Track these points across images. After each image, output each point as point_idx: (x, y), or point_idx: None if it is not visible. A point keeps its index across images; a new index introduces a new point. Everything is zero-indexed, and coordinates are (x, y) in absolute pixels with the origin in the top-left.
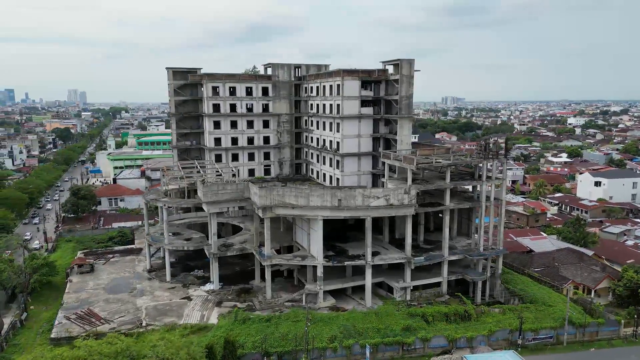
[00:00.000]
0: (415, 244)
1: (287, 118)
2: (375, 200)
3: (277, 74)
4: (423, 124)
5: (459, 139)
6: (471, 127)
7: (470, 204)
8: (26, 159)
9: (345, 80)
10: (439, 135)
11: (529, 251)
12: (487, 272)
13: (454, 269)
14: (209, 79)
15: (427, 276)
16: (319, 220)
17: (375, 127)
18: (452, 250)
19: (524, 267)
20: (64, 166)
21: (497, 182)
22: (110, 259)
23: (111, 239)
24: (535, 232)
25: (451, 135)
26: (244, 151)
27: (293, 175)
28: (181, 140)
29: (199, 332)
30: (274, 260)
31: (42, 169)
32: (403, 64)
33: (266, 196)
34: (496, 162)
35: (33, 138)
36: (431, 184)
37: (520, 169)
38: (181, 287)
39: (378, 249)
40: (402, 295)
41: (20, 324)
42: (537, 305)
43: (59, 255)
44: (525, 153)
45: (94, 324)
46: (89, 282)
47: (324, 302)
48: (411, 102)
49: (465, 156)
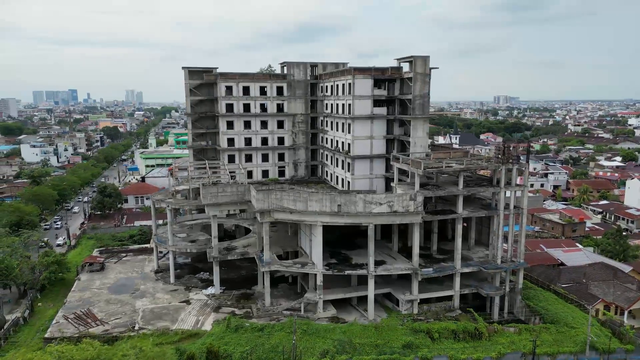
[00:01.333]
0: (428, 254)
1: (303, 118)
2: (378, 206)
3: (293, 73)
4: (468, 125)
5: (504, 140)
6: (519, 128)
7: (486, 212)
8: (71, 156)
9: (357, 78)
10: (483, 136)
11: (560, 264)
12: (506, 287)
13: (468, 282)
14: (222, 78)
15: (438, 289)
16: (319, 226)
17: (389, 128)
18: (466, 262)
19: (550, 282)
20: (104, 164)
21: (517, 188)
22: (122, 258)
23: (131, 237)
24: (569, 243)
25: (497, 137)
26: (258, 152)
27: (308, 178)
28: (197, 141)
29: (190, 338)
30: (272, 267)
31: (80, 166)
32: (417, 61)
33: (264, 200)
34: (516, 168)
35: (81, 136)
36: (442, 189)
37: (564, 173)
38: (183, 290)
39: (385, 258)
40: (409, 309)
41: (23, 321)
42: (558, 326)
43: (77, 252)
44: (575, 156)
45: (89, 325)
46: (96, 281)
47: (323, 313)
48: (426, 101)
49: (483, 160)
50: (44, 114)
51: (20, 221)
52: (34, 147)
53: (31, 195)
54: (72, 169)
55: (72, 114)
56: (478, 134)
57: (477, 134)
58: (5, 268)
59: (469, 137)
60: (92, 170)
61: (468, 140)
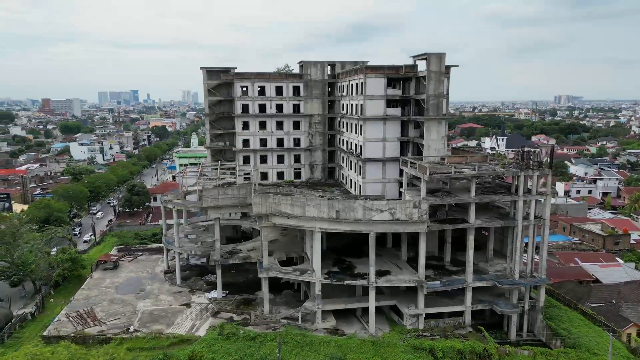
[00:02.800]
0: (440, 265)
1: (320, 119)
2: (378, 213)
3: (310, 72)
4: (519, 126)
5: (558, 142)
6: (575, 129)
7: (502, 222)
8: (116, 154)
9: (369, 77)
10: (535, 138)
11: (594, 281)
12: (526, 304)
13: (483, 297)
14: (237, 78)
15: (448, 303)
16: (317, 232)
17: (403, 129)
18: (480, 275)
19: (579, 300)
20: (145, 162)
21: (539, 197)
22: (137, 257)
23: (154, 235)
24: (609, 258)
25: (549, 139)
26: (273, 153)
27: (325, 180)
28: (215, 141)
29: (181, 344)
30: (271, 273)
31: (120, 164)
32: (431, 59)
33: (261, 204)
34: (537, 175)
35: (129, 135)
36: (452, 197)
37: (614, 180)
38: (187, 292)
39: (391, 268)
40: (414, 323)
41: (31, 317)
42: (579, 351)
43: (99, 249)
44: (634, 160)
45: (87, 325)
46: (106, 280)
47: (322, 323)
48: (441, 101)
49: (501, 165)
50: (105, 114)
51: (49, 217)
52: (82, 145)
53: (64, 192)
54: (110, 167)
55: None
56: (529, 135)
57: (528, 135)
58: (22, 264)
59: (517, 139)
60: (131, 168)
61: (516, 143)
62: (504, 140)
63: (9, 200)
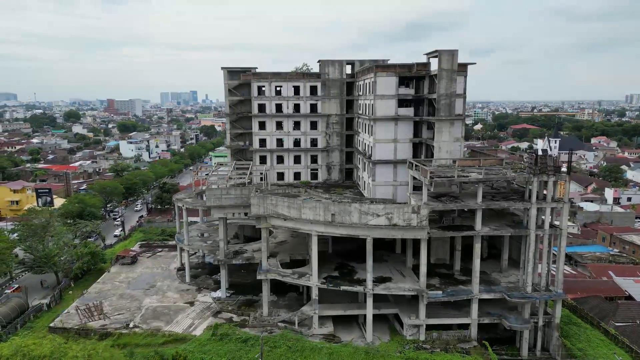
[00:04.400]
0: (449, 274)
1: (337, 119)
2: (375, 218)
3: (327, 71)
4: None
5: (620, 144)
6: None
7: (512, 231)
8: (161, 152)
9: (379, 76)
10: (595, 140)
11: (627, 297)
12: (540, 320)
13: (493, 310)
14: (254, 78)
15: (454, 315)
16: (314, 235)
17: (416, 130)
18: (489, 286)
19: (603, 318)
20: (187, 160)
21: (554, 204)
22: (157, 253)
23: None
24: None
25: (610, 141)
26: (290, 153)
27: (342, 182)
28: (235, 141)
29: (175, 342)
30: (269, 275)
31: (161, 162)
32: (442, 56)
33: (259, 205)
34: (553, 180)
35: (177, 134)
36: (457, 202)
37: None
38: (194, 290)
39: (394, 275)
40: (414, 334)
41: (47, 307)
42: None
43: (125, 244)
44: None
45: (92, 318)
46: (121, 275)
47: (318, 329)
48: (453, 101)
49: (516, 169)
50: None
51: (82, 212)
52: (130, 144)
53: (100, 188)
54: (151, 164)
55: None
56: (588, 137)
57: (587, 137)
58: (45, 256)
59: (572, 142)
60: (172, 166)
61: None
62: (556, 142)
63: (50, 195)
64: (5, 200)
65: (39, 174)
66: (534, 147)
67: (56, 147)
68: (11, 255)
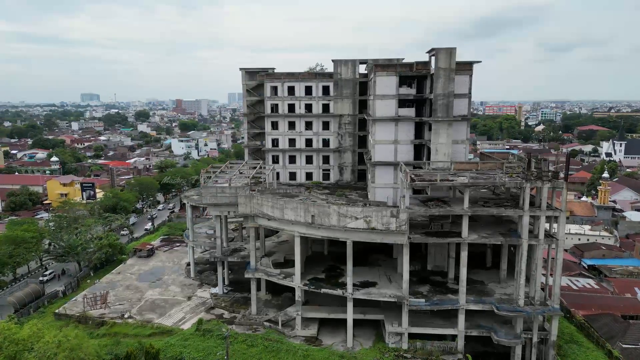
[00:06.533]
0: (442, 282)
1: (350, 119)
2: (353, 221)
3: (340, 71)
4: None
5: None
6: None
7: (503, 240)
8: (210, 150)
9: (378, 75)
10: None
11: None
12: (534, 336)
13: (485, 322)
14: (267, 78)
15: (439, 324)
16: (297, 236)
17: (417, 131)
18: (480, 297)
19: (611, 338)
20: (232, 158)
21: (549, 212)
22: (174, 247)
23: None
24: None
25: None
26: (302, 153)
27: (355, 183)
28: (252, 140)
29: (161, 335)
30: (256, 274)
31: (204, 160)
32: (439, 55)
33: (246, 204)
34: (547, 186)
35: (228, 133)
36: (442, 207)
37: None
38: (196, 286)
39: (379, 280)
40: (397, 342)
41: (62, 294)
42: None
43: (149, 238)
44: None
45: (94, 307)
46: (135, 267)
47: (301, 331)
48: (451, 101)
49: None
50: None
51: (116, 206)
52: (180, 142)
53: (136, 183)
54: (193, 162)
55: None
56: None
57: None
58: (69, 246)
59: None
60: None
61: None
62: (622, 145)
63: (93, 189)
64: (55, 192)
65: (94, 169)
66: (599, 150)
67: (118, 145)
68: (40, 245)
